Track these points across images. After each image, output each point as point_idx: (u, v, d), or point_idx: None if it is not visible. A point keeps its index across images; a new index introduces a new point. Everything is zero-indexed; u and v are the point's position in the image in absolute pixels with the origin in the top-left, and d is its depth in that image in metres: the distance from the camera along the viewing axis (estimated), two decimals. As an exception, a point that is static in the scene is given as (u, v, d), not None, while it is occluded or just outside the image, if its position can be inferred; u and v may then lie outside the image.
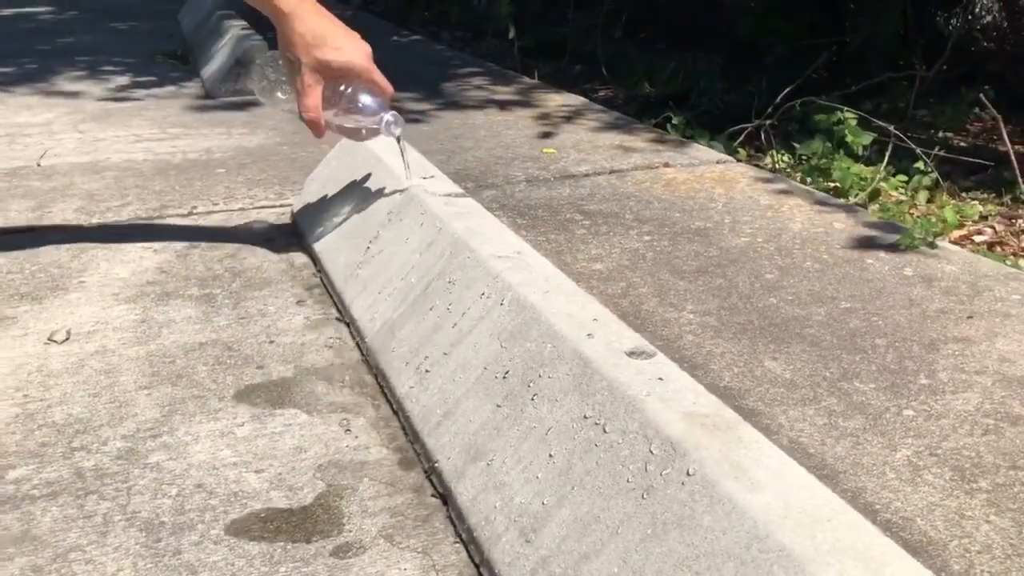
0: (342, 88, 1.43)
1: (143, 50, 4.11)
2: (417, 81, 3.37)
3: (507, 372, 1.03)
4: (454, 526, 0.97)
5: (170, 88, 3.29)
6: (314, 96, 1.39)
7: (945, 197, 2.66)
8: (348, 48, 1.39)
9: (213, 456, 1.09)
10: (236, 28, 3.44)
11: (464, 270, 1.24)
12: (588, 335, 0.99)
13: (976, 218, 2.48)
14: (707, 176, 2.17)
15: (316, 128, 1.43)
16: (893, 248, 1.71)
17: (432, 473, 1.04)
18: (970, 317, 1.42)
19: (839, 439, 1.11)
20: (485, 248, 1.25)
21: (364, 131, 1.49)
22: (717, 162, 2.31)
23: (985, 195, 2.74)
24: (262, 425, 1.16)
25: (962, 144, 3.51)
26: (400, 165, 1.62)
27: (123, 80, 3.43)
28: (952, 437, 1.11)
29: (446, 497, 1.00)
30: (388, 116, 1.44)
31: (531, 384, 0.99)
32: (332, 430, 1.15)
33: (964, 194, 2.73)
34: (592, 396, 0.91)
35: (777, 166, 3.00)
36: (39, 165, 2.27)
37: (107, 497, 1.02)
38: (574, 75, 4.93)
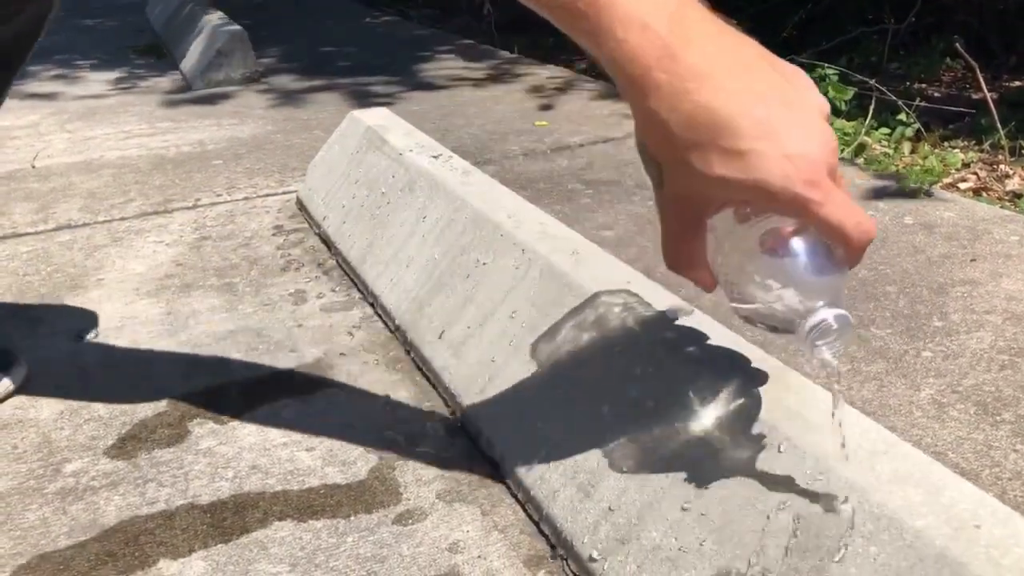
0: (754, 225, 0.69)
1: (115, 46, 4.08)
2: (397, 62, 3.38)
3: (550, 339, 1.06)
4: (508, 487, 1.00)
5: (150, 82, 3.28)
6: (685, 242, 0.71)
7: (927, 147, 2.71)
8: (766, 149, 0.61)
9: (263, 438, 1.12)
10: (212, 17, 3.42)
11: (489, 243, 1.27)
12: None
13: (959, 166, 2.54)
14: (700, 139, 2.20)
15: (702, 285, 0.76)
16: (891, 198, 1.76)
17: (480, 438, 1.07)
18: (973, 260, 1.47)
19: (864, 383, 1.16)
20: (507, 221, 1.28)
21: (778, 325, 0.72)
22: (708, 125, 2.34)
23: (965, 142, 2.79)
24: (306, 405, 1.19)
25: (936, 94, 3.56)
26: (407, 146, 1.64)
27: (101, 77, 3.40)
28: (971, 374, 1.16)
29: (497, 461, 1.03)
30: (824, 315, 0.67)
31: (571, 360, 1.02)
32: (375, 406, 1.18)
33: (945, 143, 2.78)
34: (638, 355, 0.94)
35: (760, 126, 3.04)
36: (34, 167, 2.26)
37: (166, 484, 1.04)
38: (550, 46, 4.94)
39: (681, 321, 0.96)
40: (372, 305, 1.45)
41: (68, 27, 4.79)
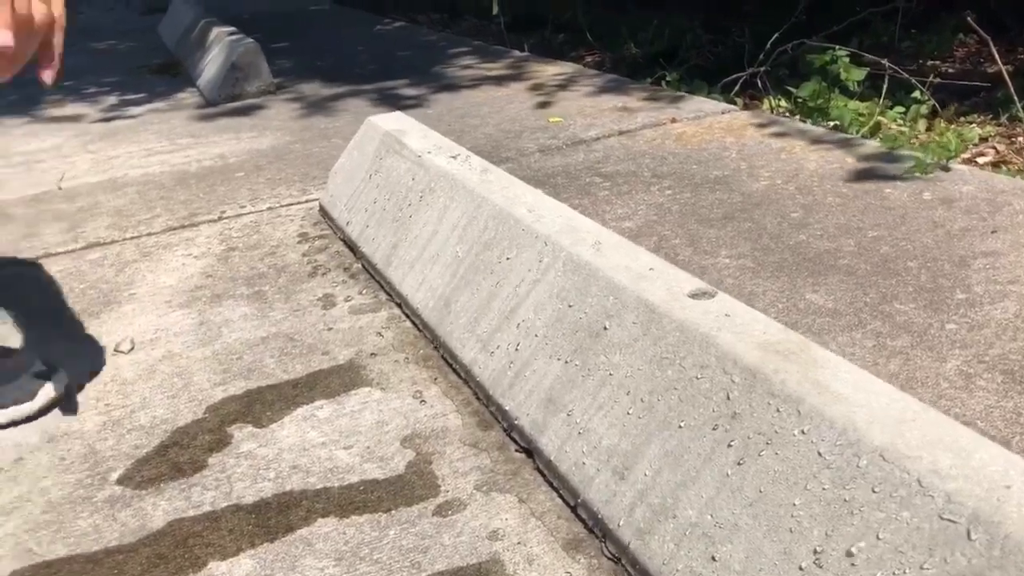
0: None
1: (129, 66, 4.13)
2: (410, 67, 3.40)
3: (574, 329, 1.08)
4: (543, 475, 1.02)
5: (168, 100, 3.32)
6: None
7: (943, 123, 2.70)
8: None
9: (301, 439, 1.14)
10: (225, 34, 3.46)
11: (511, 239, 1.29)
12: (648, 283, 1.04)
13: (976, 140, 2.53)
14: (715, 127, 2.22)
15: None
16: (908, 175, 1.76)
17: (512, 430, 1.09)
18: (994, 232, 1.48)
19: (890, 358, 1.17)
20: (528, 215, 1.30)
21: None
22: (722, 112, 2.35)
23: (982, 117, 2.79)
24: (340, 406, 1.21)
25: (950, 70, 3.55)
26: (425, 148, 1.67)
27: (119, 98, 3.45)
28: (997, 344, 1.17)
29: (530, 450, 1.05)
30: None
31: (599, 336, 1.04)
32: (408, 403, 1.20)
33: (961, 118, 2.77)
34: (663, 339, 0.96)
35: (775, 111, 3.05)
36: (60, 188, 2.30)
37: (210, 487, 1.07)
38: (559, 44, 4.97)
39: (705, 303, 0.98)
40: (399, 305, 1.47)
41: (80, 50, 4.86)
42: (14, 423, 1.23)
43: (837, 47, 2.84)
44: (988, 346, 1.16)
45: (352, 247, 1.71)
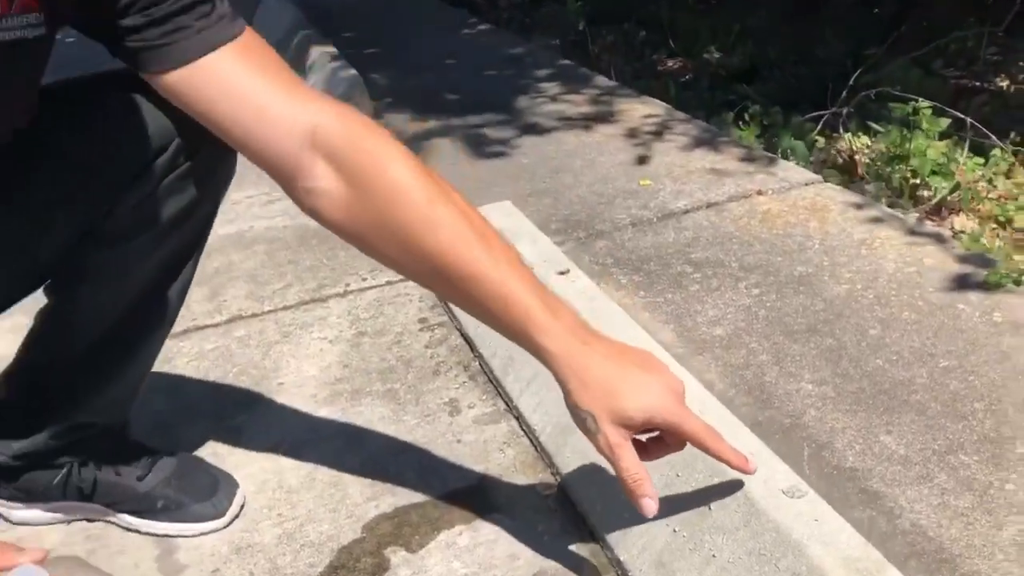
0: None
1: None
2: (496, 93, 3.56)
3: (682, 499, 1.28)
4: (655, 629, 1.24)
5: (273, 122, 3.53)
6: (627, 450, 1.13)
7: None
8: (648, 386, 1.12)
9: (447, 569, 1.38)
10: (326, 58, 3.64)
11: (623, 387, 1.48)
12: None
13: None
14: (799, 204, 2.36)
15: (647, 494, 1.14)
16: (982, 287, 1.90)
17: (628, 581, 1.31)
18: (1059, 371, 1.63)
19: (952, 520, 1.35)
20: (638, 365, 1.49)
21: None
22: (806, 184, 2.49)
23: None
24: (476, 533, 1.44)
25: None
26: (535, 258, 1.85)
27: (228, 116, 3.67)
28: (1050, 513, 1.34)
29: (644, 603, 1.27)
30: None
31: (704, 515, 1.24)
32: (534, 534, 1.42)
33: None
34: (761, 535, 1.16)
35: (854, 147, 3.16)
36: (194, 241, 2.55)
37: (377, 615, 1.31)
38: (640, 43, 5.04)
39: (798, 505, 1.17)
40: (517, 419, 1.69)
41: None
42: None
43: (919, 99, 2.92)
44: (1042, 512, 1.33)
45: (469, 343, 1.92)
